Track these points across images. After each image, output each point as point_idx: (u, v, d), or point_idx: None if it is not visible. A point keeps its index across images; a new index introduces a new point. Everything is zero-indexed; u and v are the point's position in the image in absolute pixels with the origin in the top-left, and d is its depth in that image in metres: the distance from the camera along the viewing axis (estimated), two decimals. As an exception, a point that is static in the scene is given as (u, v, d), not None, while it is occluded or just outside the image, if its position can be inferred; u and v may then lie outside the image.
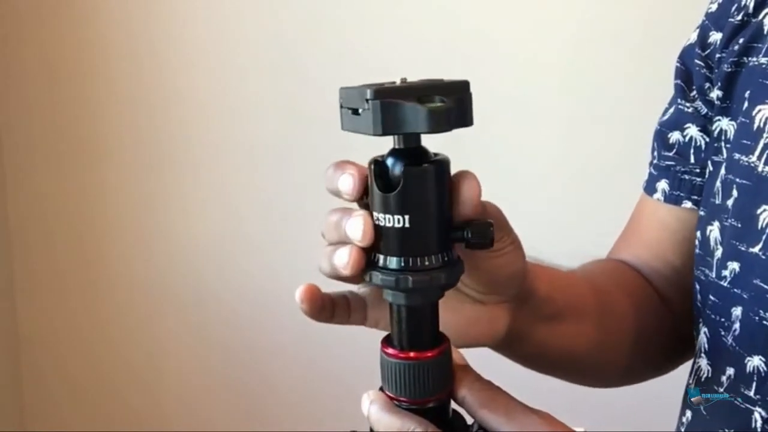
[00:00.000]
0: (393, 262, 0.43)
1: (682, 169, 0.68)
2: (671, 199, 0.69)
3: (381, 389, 0.46)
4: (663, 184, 0.70)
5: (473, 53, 1.39)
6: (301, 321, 1.87)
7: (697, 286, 0.63)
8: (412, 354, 0.44)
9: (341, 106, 0.44)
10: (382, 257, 0.43)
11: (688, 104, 0.68)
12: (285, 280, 1.60)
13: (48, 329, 1.75)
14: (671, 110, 0.70)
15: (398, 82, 0.42)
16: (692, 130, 0.67)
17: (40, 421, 1.78)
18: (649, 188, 0.71)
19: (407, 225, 0.42)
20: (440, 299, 0.45)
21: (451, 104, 0.40)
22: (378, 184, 0.43)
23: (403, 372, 0.44)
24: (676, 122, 0.69)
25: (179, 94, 1.57)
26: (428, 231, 0.43)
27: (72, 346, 1.75)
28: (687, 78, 0.68)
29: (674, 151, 0.69)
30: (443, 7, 1.41)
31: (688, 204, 0.67)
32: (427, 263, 0.42)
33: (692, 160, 0.67)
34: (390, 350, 0.45)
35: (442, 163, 0.43)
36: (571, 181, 1.38)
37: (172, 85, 1.57)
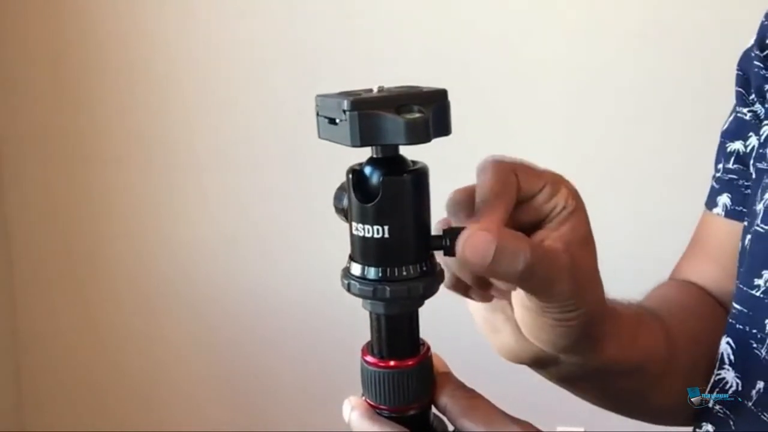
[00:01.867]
0: (371, 272, 0.42)
1: (746, 183, 0.64)
2: (732, 214, 0.65)
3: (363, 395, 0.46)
4: (725, 198, 0.66)
5: (478, 54, 1.39)
6: (301, 321, 1.87)
7: None
8: (391, 363, 0.44)
9: (317, 114, 0.43)
10: (360, 267, 0.43)
11: (746, 110, 0.65)
12: (284, 281, 1.62)
13: (48, 329, 1.75)
14: (731, 119, 0.67)
15: (375, 90, 0.42)
16: (753, 140, 0.64)
17: (40, 421, 1.78)
18: (710, 202, 0.67)
19: (386, 235, 0.41)
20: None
21: (429, 114, 0.40)
22: (356, 194, 0.42)
23: (383, 380, 0.44)
24: (735, 132, 0.66)
25: (180, 95, 1.57)
26: (407, 241, 0.42)
27: (71, 346, 1.75)
28: (745, 83, 0.65)
29: (735, 162, 0.65)
30: (442, 8, 1.41)
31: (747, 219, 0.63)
32: (405, 273, 0.42)
33: (752, 170, 0.64)
34: (370, 358, 0.44)
35: (421, 173, 0.42)
36: (576, 182, 1.38)
37: (174, 85, 1.57)
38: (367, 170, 0.42)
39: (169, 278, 1.66)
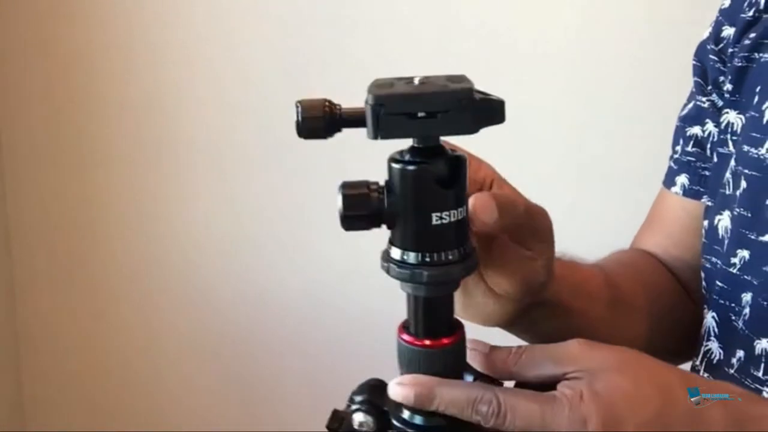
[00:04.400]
0: (411, 257, 0.43)
1: (703, 165, 0.70)
2: (690, 193, 0.71)
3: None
4: (683, 179, 0.72)
5: (480, 51, 1.40)
6: (302, 320, 1.86)
7: (703, 274, 0.66)
8: (427, 342, 0.45)
9: (387, 114, 0.42)
10: (400, 251, 0.44)
11: (704, 99, 0.69)
12: (286, 279, 1.62)
13: (48, 329, 1.75)
14: (690, 106, 0.72)
15: (416, 81, 0.43)
16: (710, 126, 0.69)
17: (40, 421, 1.78)
18: (668, 182, 0.73)
19: (462, 216, 0.44)
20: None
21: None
22: (436, 181, 0.43)
23: (419, 358, 0.45)
24: (695, 118, 0.71)
25: (181, 94, 1.57)
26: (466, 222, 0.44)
27: (72, 345, 1.75)
28: (703, 73, 0.69)
29: (694, 146, 0.70)
30: (446, 4, 1.41)
31: (705, 199, 0.68)
32: (445, 258, 0.43)
33: (710, 155, 0.69)
34: (407, 337, 0.46)
35: (461, 160, 0.44)
36: (578, 184, 1.38)
37: (174, 84, 1.57)
38: (408, 159, 0.44)
39: (169, 278, 1.66)
